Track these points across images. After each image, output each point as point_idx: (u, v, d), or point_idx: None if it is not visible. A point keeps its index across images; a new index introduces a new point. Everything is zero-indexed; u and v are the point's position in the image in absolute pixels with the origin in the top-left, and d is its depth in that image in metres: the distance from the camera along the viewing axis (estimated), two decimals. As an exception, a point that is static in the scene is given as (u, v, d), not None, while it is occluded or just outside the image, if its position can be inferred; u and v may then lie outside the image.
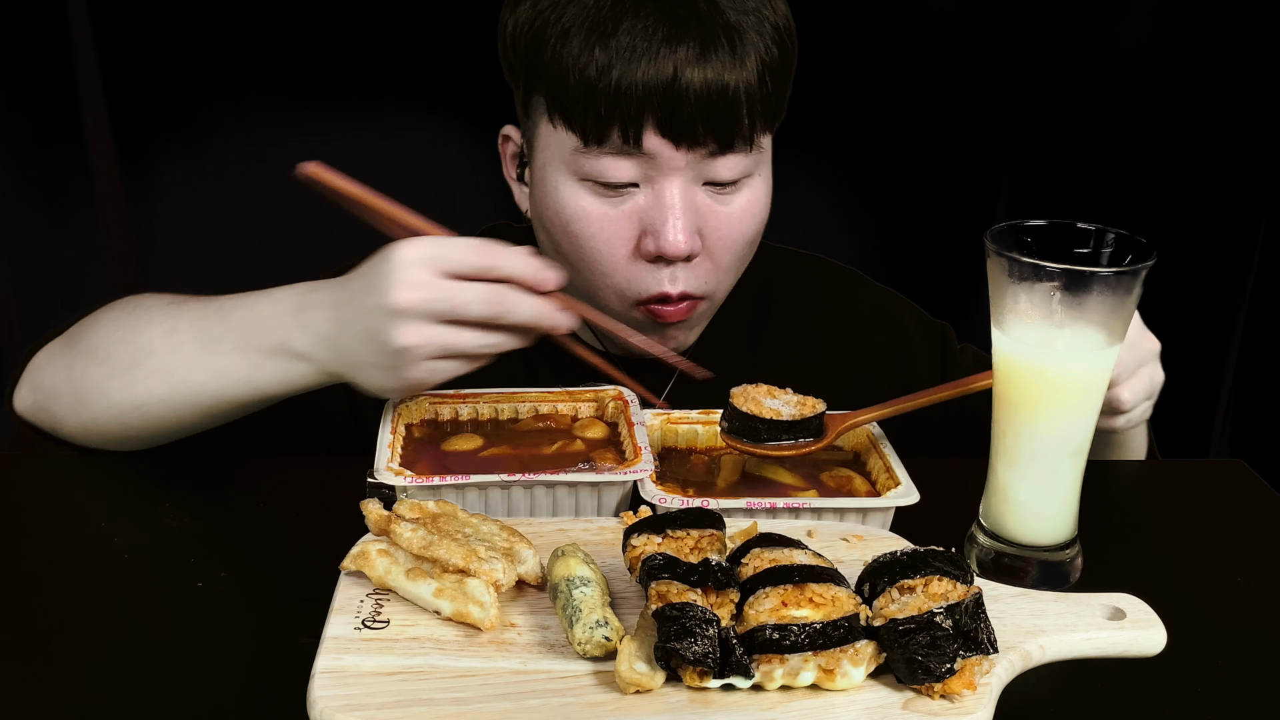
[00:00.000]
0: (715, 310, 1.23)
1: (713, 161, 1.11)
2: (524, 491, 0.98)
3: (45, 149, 2.02)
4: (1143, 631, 0.79)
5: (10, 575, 0.95)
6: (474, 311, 0.95)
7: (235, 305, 1.06)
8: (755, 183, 1.15)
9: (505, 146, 1.24)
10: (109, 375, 1.08)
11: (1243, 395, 2.24)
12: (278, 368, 1.03)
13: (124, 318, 1.11)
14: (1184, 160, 2.09)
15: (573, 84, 1.08)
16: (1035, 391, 0.90)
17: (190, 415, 1.09)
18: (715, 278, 1.17)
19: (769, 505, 0.96)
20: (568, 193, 1.13)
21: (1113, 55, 2.08)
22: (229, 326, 1.04)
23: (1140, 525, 1.07)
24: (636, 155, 1.09)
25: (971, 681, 0.74)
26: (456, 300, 0.94)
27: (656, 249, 1.11)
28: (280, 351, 1.03)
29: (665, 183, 1.10)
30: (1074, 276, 0.86)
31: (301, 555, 0.94)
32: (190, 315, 1.07)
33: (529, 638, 0.79)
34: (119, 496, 1.09)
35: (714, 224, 1.13)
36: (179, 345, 1.06)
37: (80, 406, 1.10)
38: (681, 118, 1.07)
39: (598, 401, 1.13)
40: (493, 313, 0.95)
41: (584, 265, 1.15)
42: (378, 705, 0.72)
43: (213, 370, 1.05)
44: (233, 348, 1.04)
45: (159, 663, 0.84)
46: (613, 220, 1.12)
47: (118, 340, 1.09)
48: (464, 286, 0.94)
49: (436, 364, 0.98)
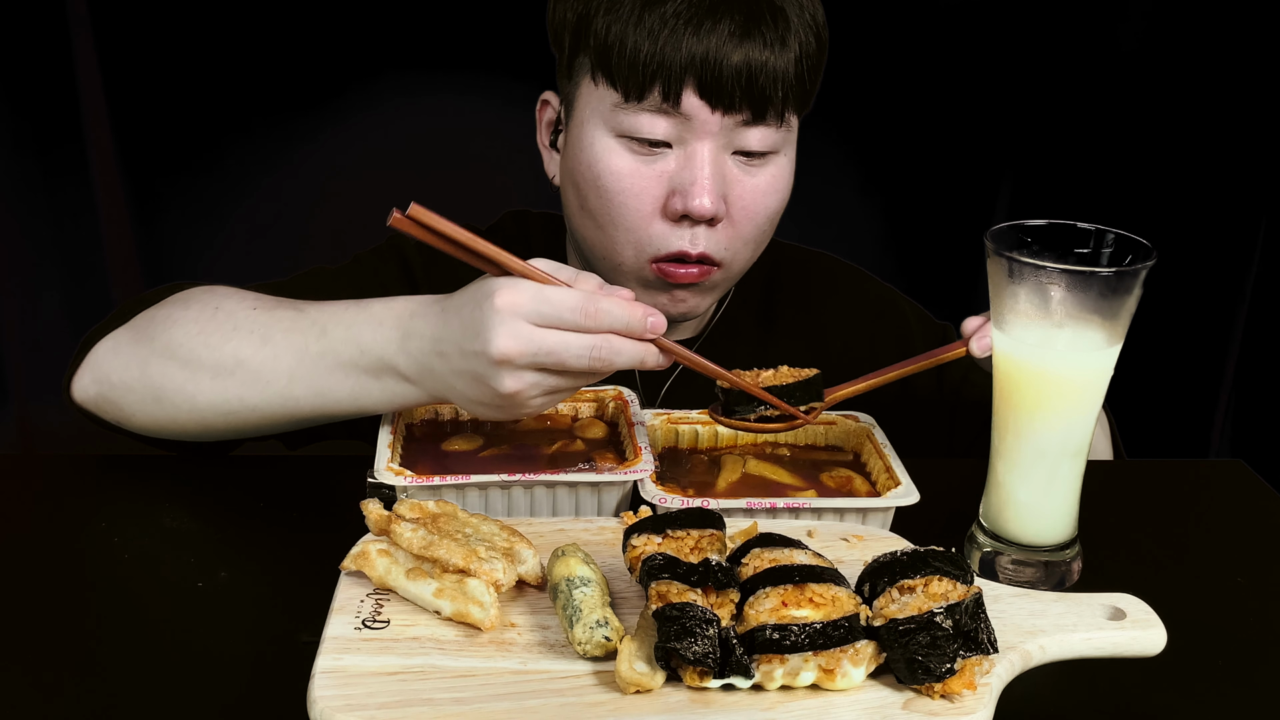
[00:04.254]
0: (729, 284, 1.25)
1: (744, 131, 1.14)
2: (524, 491, 0.98)
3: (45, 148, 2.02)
4: (1143, 631, 0.79)
5: (10, 575, 0.95)
6: (579, 365, 0.94)
7: (331, 321, 1.03)
8: (781, 160, 1.19)
9: (543, 112, 1.27)
10: (193, 379, 1.06)
11: (1243, 395, 2.24)
12: (385, 388, 1.02)
13: (204, 319, 1.08)
14: (1184, 160, 2.09)
15: (620, 47, 1.12)
16: (1035, 391, 0.91)
17: (285, 424, 1.08)
18: (735, 247, 1.19)
19: (769, 505, 0.96)
20: (602, 147, 1.16)
21: (1113, 55, 2.08)
22: (328, 344, 1.02)
23: (1140, 525, 1.07)
24: (674, 115, 1.13)
25: (971, 681, 0.74)
26: (560, 355, 0.93)
27: (684, 208, 1.14)
28: (386, 373, 1.01)
29: (697, 145, 1.14)
30: (1074, 276, 0.86)
31: (301, 555, 0.94)
32: (282, 326, 1.05)
33: (529, 638, 0.79)
34: (119, 496, 1.09)
35: (739, 193, 1.16)
36: (275, 358, 1.04)
37: (157, 405, 1.08)
38: (722, 84, 1.11)
39: (598, 401, 1.13)
40: (596, 367, 0.94)
41: (608, 220, 1.17)
42: (378, 705, 0.72)
43: (315, 388, 1.03)
44: (335, 366, 1.02)
45: (159, 663, 0.84)
46: (643, 178, 1.15)
47: (202, 344, 1.06)
48: (566, 340, 0.93)
49: (543, 400, 0.97)
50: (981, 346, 1.04)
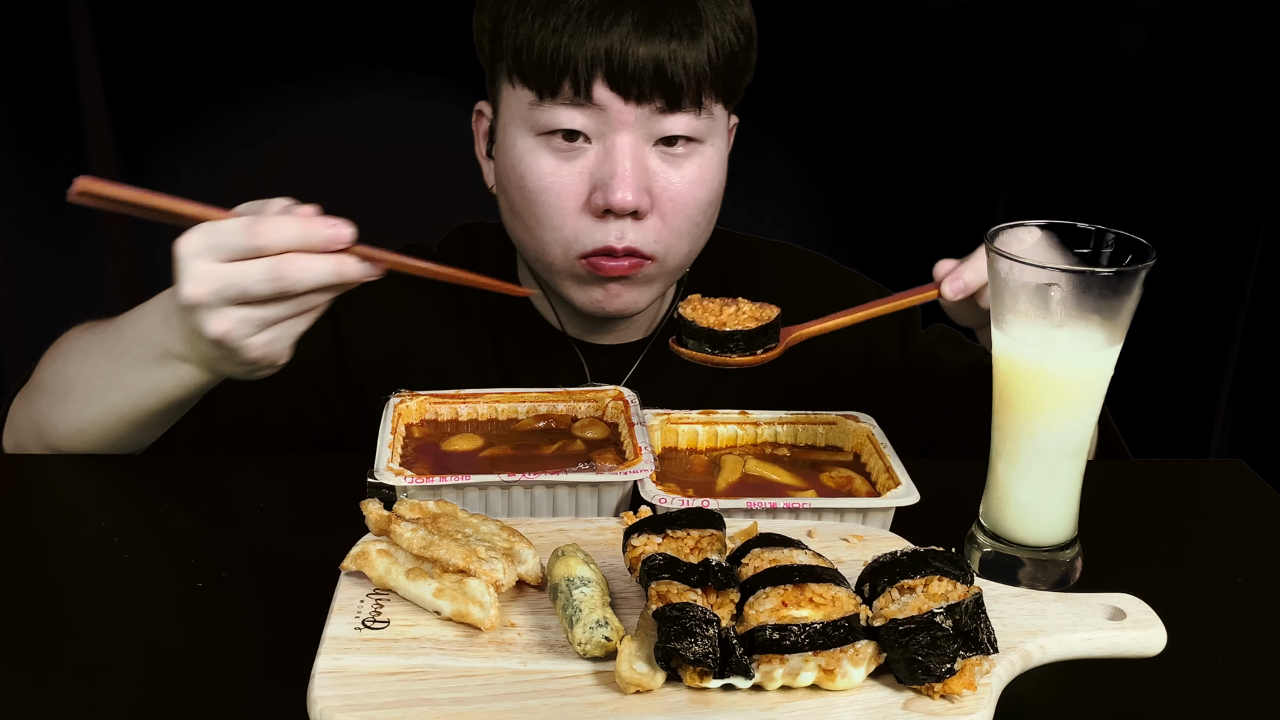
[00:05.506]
0: (669, 278, 1.25)
1: (663, 118, 1.14)
2: (524, 491, 0.98)
3: (45, 146, 2.02)
4: (1143, 631, 0.79)
5: (10, 575, 0.95)
6: (261, 291, 0.94)
7: (128, 322, 1.10)
8: (707, 151, 1.18)
9: (479, 123, 1.28)
10: (51, 407, 1.14)
11: (1243, 395, 2.24)
12: (171, 373, 1.06)
13: (58, 352, 1.17)
14: (1184, 161, 2.09)
15: (529, 46, 1.13)
16: (1035, 391, 0.90)
17: (121, 430, 1.12)
18: (666, 240, 1.19)
19: (769, 505, 0.96)
20: (524, 148, 1.17)
21: (1113, 56, 2.08)
22: (125, 344, 1.08)
23: (1140, 525, 1.07)
24: (588, 107, 1.13)
25: (971, 681, 0.74)
26: (241, 284, 0.93)
27: (605, 202, 1.14)
28: (167, 357, 1.05)
29: (616, 138, 1.14)
30: (1074, 276, 0.86)
31: (301, 555, 0.94)
32: (98, 338, 1.12)
33: (529, 638, 0.79)
34: (119, 496, 1.09)
35: (663, 184, 1.16)
36: (94, 369, 1.11)
37: (40, 440, 1.16)
38: (630, 74, 1.11)
39: (598, 401, 1.13)
40: (278, 288, 0.94)
41: (534, 220, 1.18)
42: (378, 705, 0.72)
43: (122, 386, 1.09)
44: (133, 362, 1.08)
45: (159, 663, 0.84)
46: (565, 175, 1.16)
47: (53, 374, 1.15)
48: (243, 269, 0.93)
49: (263, 337, 0.97)
50: (954, 289, 1.03)
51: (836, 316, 1.08)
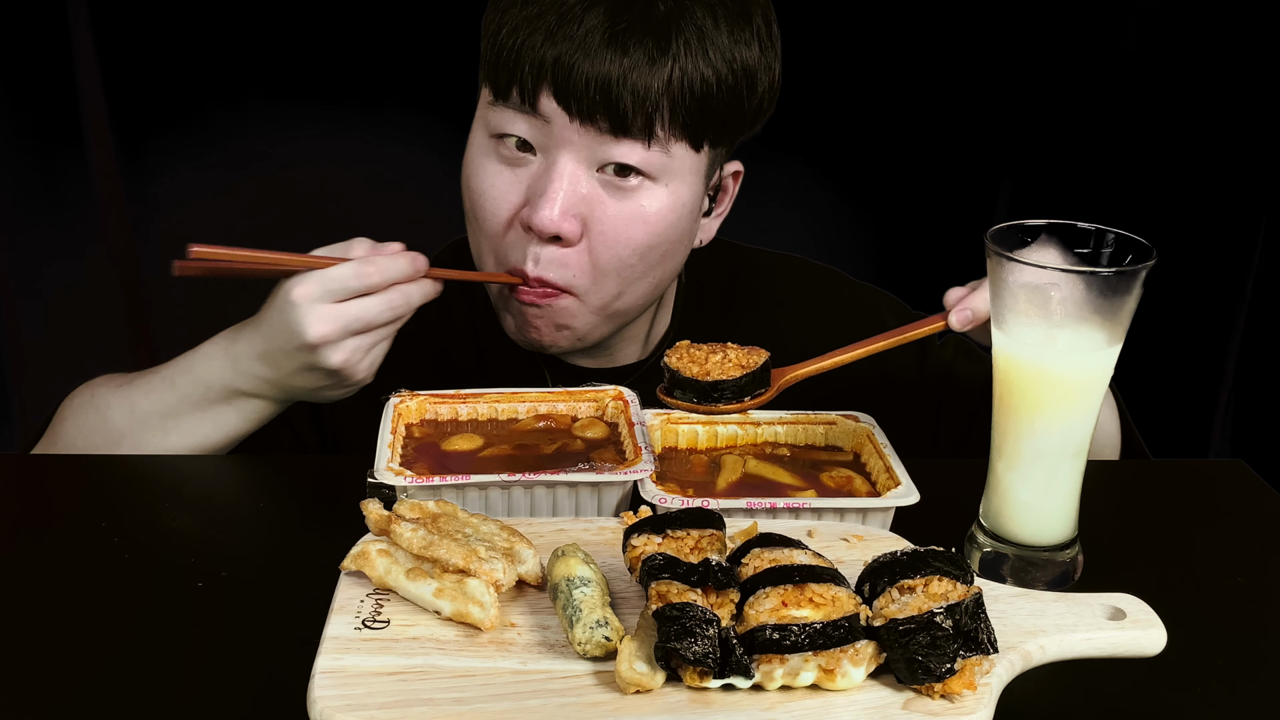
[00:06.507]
0: (597, 322, 1.18)
1: (610, 144, 1.08)
2: (524, 491, 0.98)
3: (45, 145, 2.02)
4: (1143, 631, 0.79)
5: (10, 575, 0.95)
6: (384, 319, 1.08)
7: (177, 372, 1.14)
8: (658, 191, 1.11)
9: None
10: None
11: (1243, 395, 2.24)
12: (239, 411, 1.14)
13: (85, 411, 1.18)
14: (1184, 160, 2.09)
15: (492, 44, 1.11)
16: (1035, 391, 0.90)
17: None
18: (588, 276, 1.13)
19: (769, 505, 0.96)
20: (478, 148, 1.16)
21: (1114, 55, 2.08)
22: (180, 393, 1.14)
23: (1140, 525, 1.07)
24: (534, 117, 1.09)
25: (971, 681, 0.74)
26: (365, 318, 1.06)
27: (527, 219, 1.11)
28: (234, 397, 1.13)
29: (557, 154, 1.10)
30: (1074, 276, 0.86)
31: (301, 555, 0.94)
32: (141, 391, 1.16)
33: (529, 638, 0.79)
34: (119, 496, 1.09)
35: (599, 216, 1.11)
36: (144, 421, 1.14)
37: None
38: (574, 89, 1.06)
39: (598, 401, 1.13)
40: (398, 314, 1.09)
41: (473, 223, 1.18)
42: (378, 705, 0.72)
43: (182, 432, 1.14)
44: (191, 408, 1.13)
45: (159, 663, 0.84)
46: (505, 182, 1.13)
47: (90, 431, 1.16)
48: (365, 304, 1.06)
49: (368, 360, 1.10)
50: (961, 320, 1.02)
51: (832, 355, 1.05)
